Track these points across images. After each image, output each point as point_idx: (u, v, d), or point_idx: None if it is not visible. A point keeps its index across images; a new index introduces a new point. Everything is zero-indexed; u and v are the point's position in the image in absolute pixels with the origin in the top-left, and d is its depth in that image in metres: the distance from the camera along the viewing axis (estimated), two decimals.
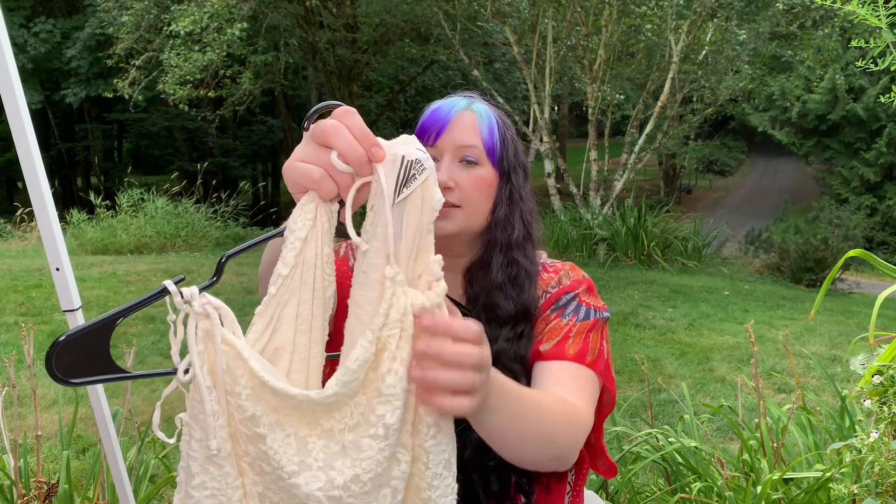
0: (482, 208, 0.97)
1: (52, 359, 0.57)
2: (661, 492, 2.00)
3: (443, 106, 0.98)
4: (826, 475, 1.69)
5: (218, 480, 0.58)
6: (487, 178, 0.97)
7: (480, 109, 0.98)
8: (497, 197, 0.98)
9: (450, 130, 0.96)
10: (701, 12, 8.55)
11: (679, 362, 4.39)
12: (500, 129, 0.99)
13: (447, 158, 0.96)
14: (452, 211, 0.95)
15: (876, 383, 1.30)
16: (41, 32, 14.60)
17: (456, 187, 0.95)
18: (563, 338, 0.95)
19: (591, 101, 9.63)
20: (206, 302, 0.58)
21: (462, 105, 0.98)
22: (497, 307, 0.96)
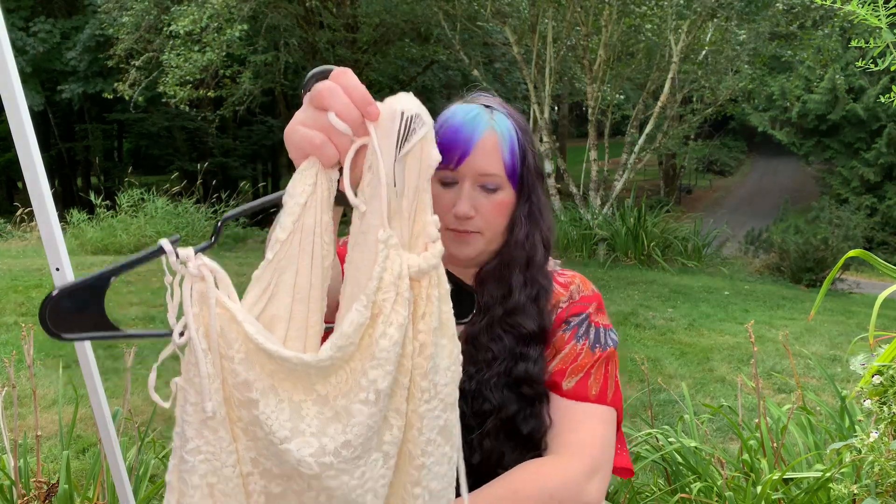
0: (501, 230, 0.97)
1: (46, 311, 0.55)
2: (661, 492, 2.00)
3: (464, 127, 0.93)
4: (826, 475, 1.69)
5: (212, 444, 0.57)
6: (507, 201, 0.96)
7: (502, 127, 0.94)
8: (515, 215, 0.97)
9: (473, 157, 0.93)
10: (701, 12, 8.55)
11: (679, 362, 4.39)
12: (521, 144, 0.96)
13: (468, 185, 0.93)
14: (473, 237, 0.95)
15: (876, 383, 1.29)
16: (40, 32, 14.60)
17: (477, 215, 0.94)
18: (585, 375, 0.95)
19: (591, 101, 9.63)
20: (201, 263, 0.57)
21: (484, 125, 0.93)
22: (521, 327, 0.95)
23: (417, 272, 0.59)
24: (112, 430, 1.45)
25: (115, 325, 0.60)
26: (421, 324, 0.60)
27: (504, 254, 0.98)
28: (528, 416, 0.93)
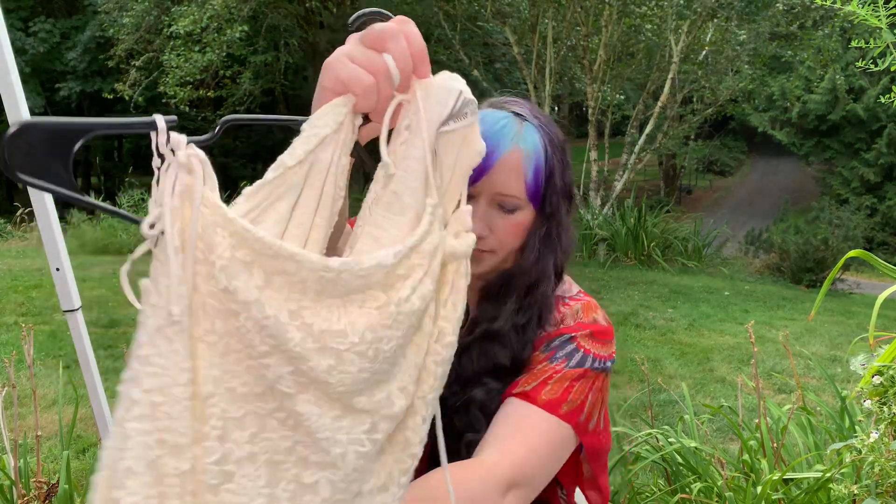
0: (515, 247, 0.92)
1: (7, 139, 0.46)
2: (661, 492, 2.00)
3: (488, 139, 0.84)
4: (826, 475, 1.69)
5: (165, 357, 0.48)
6: (525, 221, 0.90)
7: (529, 143, 0.87)
8: (530, 235, 0.91)
9: (492, 175, 0.86)
10: (701, 12, 8.55)
11: (679, 362, 4.39)
12: (549, 162, 0.89)
13: (484, 202, 0.87)
14: (486, 255, 0.90)
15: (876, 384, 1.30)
16: (40, 32, 14.60)
17: (491, 234, 0.89)
18: (541, 382, 0.85)
19: (591, 101, 9.63)
20: (192, 154, 0.50)
21: (509, 141, 0.86)
22: (495, 356, 0.88)
23: (451, 255, 0.55)
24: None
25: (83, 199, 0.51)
26: (443, 310, 0.56)
27: (508, 274, 0.92)
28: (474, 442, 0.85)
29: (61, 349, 4.04)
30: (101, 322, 4.72)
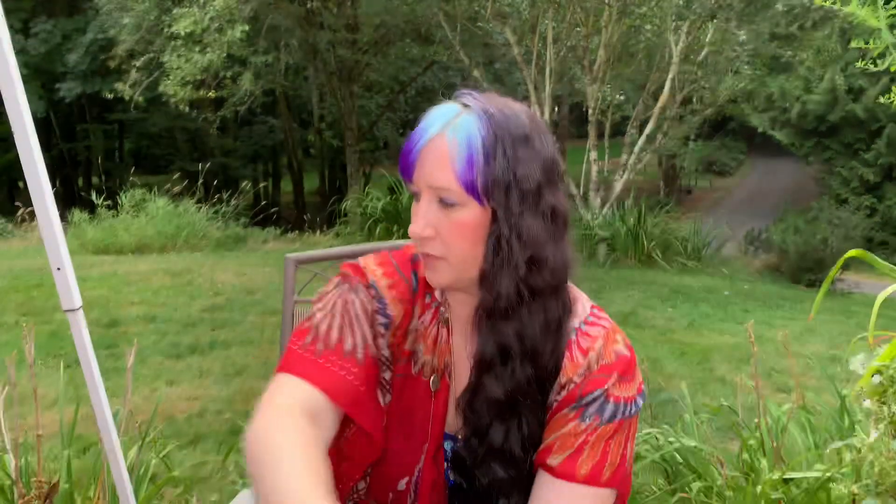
0: (470, 255, 0.79)
1: None
2: (661, 491, 2.00)
3: (418, 130, 0.79)
4: (826, 475, 1.69)
5: None
6: (471, 220, 0.78)
7: (460, 130, 0.77)
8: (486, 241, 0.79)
9: (421, 165, 0.79)
10: (701, 13, 8.56)
11: (679, 362, 4.39)
12: (487, 151, 0.76)
13: (425, 199, 0.79)
14: (438, 263, 0.80)
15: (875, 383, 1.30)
16: (40, 33, 14.59)
17: (436, 235, 0.79)
18: (576, 450, 0.79)
19: (591, 101, 9.64)
20: None
21: (436, 128, 0.78)
22: (486, 390, 0.81)
23: None
24: (113, 429, 1.46)
25: None
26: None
27: (479, 296, 0.81)
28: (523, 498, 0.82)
29: (62, 349, 4.04)
30: (102, 322, 4.72)
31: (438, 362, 0.86)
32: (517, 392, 0.80)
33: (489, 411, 0.81)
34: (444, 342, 0.87)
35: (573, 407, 0.81)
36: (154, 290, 5.75)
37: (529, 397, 0.81)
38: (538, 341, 0.80)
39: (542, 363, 0.81)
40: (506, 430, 0.81)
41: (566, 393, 0.82)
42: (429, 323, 0.87)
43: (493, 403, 0.81)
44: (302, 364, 0.79)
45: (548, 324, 0.81)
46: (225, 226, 9.41)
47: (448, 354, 0.87)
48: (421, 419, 0.86)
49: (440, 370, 0.86)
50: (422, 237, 0.79)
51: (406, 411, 0.86)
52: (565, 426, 0.80)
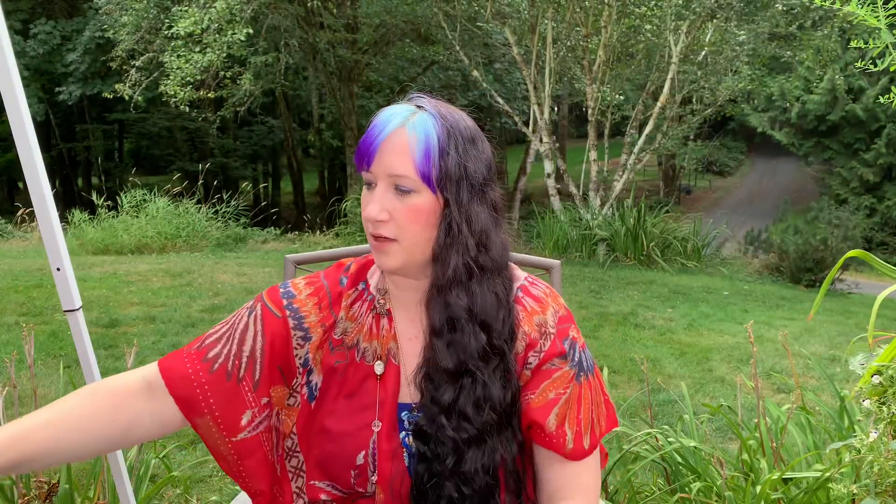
0: (421, 238, 0.88)
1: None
2: (660, 491, 2.00)
3: (377, 125, 0.88)
4: (825, 475, 1.70)
5: None
6: (425, 206, 0.87)
7: (419, 126, 0.87)
8: (438, 229, 0.89)
9: (380, 156, 0.87)
10: (700, 13, 8.56)
11: (678, 362, 4.40)
12: (442, 146, 0.87)
13: (381, 186, 0.88)
14: (389, 245, 0.88)
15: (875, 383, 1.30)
16: (40, 34, 14.59)
17: (390, 219, 0.87)
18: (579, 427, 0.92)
19: (590, 101, 9.64)
20: None
21: (396, 123, 0.87)
22: (436, 356, 0.89)
23: None
24: None
25: None
26: None
27: (432, 275, 0.91)
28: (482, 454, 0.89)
29: (62, 349, 4.04)
30: (102, 322, 4.72)
31: (382, 348, 0.95)
32: (468, 358, 0.88)
33: (441, 377, 0.89)
34: (385, 330, 0.96)
35: (560, 358, 0.92)
36: (154, 291, 5.75)
37: (482, 361, 0.89)
38: (489, 313, 0.90)
39: (497, 331, 0.90)
40: (457, 390, 0.89)
41: (543, 352, 0.92)
42: (364, 312, 0.97)
43: (444, 370, 0.89)
44: (170, 356, 0.96)
45: (497, 297, 0.91)
46: (225, 226, 9.41)
47: (392, 340, 0.95)
48: (367, 401, 0.94)
49: (384, 355, 0.95)
50: (377, 220, 0.87)
51: (349, 395, 0.94)
52: (555, 374, 0.92)
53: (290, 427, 0.96)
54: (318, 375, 0.96)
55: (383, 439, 0.92)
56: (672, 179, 21.98)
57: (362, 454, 0.92)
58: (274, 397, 0.96)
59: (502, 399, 0.90)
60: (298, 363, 0.96)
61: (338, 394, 0.95)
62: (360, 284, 0.99)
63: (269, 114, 20.79)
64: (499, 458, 0.90)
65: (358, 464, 0.92)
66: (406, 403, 0.95)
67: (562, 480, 0.93)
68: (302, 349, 0.96)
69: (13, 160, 15.72)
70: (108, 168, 19.32)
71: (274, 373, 0.95)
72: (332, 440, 0.93)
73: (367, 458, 0.92)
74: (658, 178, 22.50)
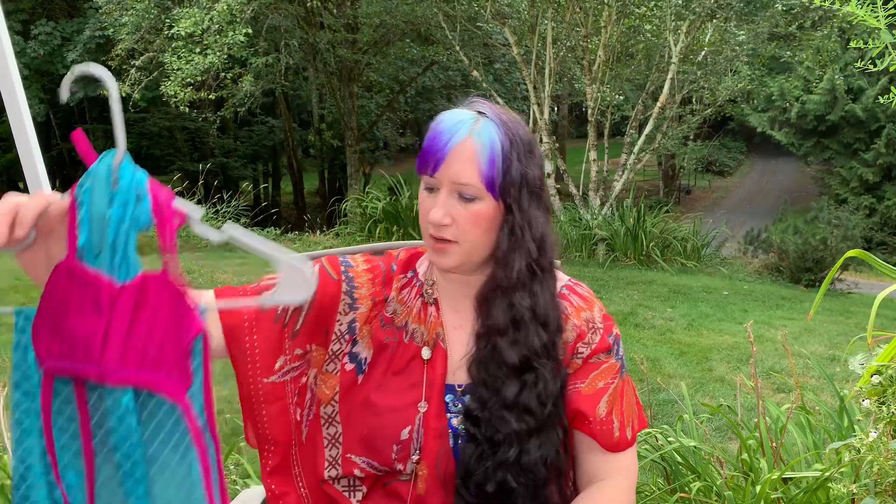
0: (481, 241, 0.94)
1: None
2: (660, 491, 2.00)
3: (444, 132, 0.91)
4: (825, 475, 1.70)
5: None
6: (486, 212, 0.92)
7: (484, 135, 0.91)
8: (500, 232, 0.94)
9: (447, 164, 0.91)
10: (700, 13, 8.56)
11: (678, 362, 4.40)
12: (506, 155, 0.91)
13: (444, 192, 0.92)
14: (450, 247, 0.93)
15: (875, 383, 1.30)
16: (40, 35, 14.58)
17: (453, 223, 0.92)
18: (622, 419, 0.99)
19: (590, 101, 9.64)
20: None
21: (463, 132, 0.91)
22: (501, 354, 0.94)
23: None
24: None
25: None
26: None
27: (492, 274, 0.96)
28: (547, 442, 0.94)
29: None
30: None
31: (429, 334, 1.00)
32: (532, 355, 0.94)
33: (503, 372, 0.94)
34: (433, 316, 1.01)
35: (606, 353, 0.99)
36: None
37: (543, 357, 0.95)
38: (548, 312, 0.96)
39: (552, 328, 0.96)
40: (521, 386, 0.93)
41: (594, 345, 0.99)
42: (413, 297, 1.02)
43: (509, 365, 0.94)
44: (228, 287, 1.00)
45: (552, 295, 0.98)
46: None
47: (439, 326, 1.00)
48: (414, 380, 0.98)
49: (431, 340, 1.00)
50: (441, 224, 0.92)
51: (397, 373, 0.99)
52: (602, 366, 0.99)
53: (328, 394, 0.99)
54: (368, 350, 0.99)
55: (431, 418, 0.96)
56: (672, 179, 21.98)
57: (407, 430, 0.96)
58: (312, 357, 1.00)
59: (556, 391, 0.95)
60: (340, 329, 1.00)
61: (386, 370, 0.98)
62: (410, 272, 1.04)
63: (270, 114, 20.78)
64: (555, 448, 0.96)
65: (402, 439, 0.95)
66: (451, 385, 0.99)
67: (602, 465, 1.00)
68: (346, 316, 1.00)
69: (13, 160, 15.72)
70: None
71: (317, 331, 0.99)
72: (377, 414, 0.96)
73: (412, 434, 0.95)
74: (658, 178, 22.50)
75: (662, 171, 22.20)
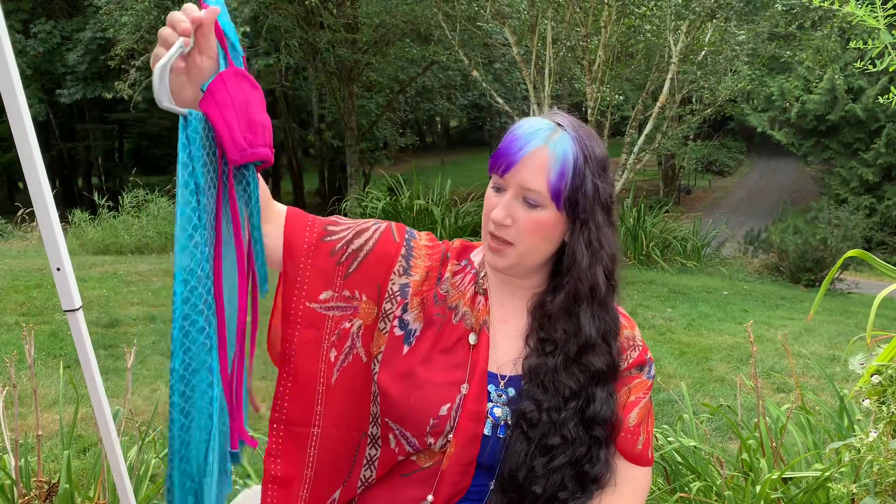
0: (537, 248, 0.97)
1: None
2: (660, 491, 2.01)
3: (520, 137, 0.94)
4: (825, 475, 1.70)
5: None
6: (547, 221, 0.95)
7: (558, 147, 0.93)
8: (573, 243, 0.97)
9: (518, 168, 0.93)
10: (700, 13, 8.56)
11: (678, 362, 4.40)
12: (578, 169, 0.94)
13: (510, 194, 0.95)
14: (506, 248, 0.96)
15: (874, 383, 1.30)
16: (40, 33, 14.58)
17: (513, 225, 0.95)
18: (647, 435, 1.02)
19: (590, 101, 9.63)
20: None
21: (539, 140, 0.93)
22: (590, 366, 0.98)
23: None
24: (113, 429, 1.46)
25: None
26: None
27: (569, 287, 0.98)
28: (596, 457, 0.98)
29: (62, 349, 4.04)
30: (102, 322, 4.72)
31: (477, 321, 1.02)
32: (608, 369, 0.98)
33: (579, 382, 0.97)
34: (481, 304, 1.03)
35: (638, 368, 1.03)
36: (154, 291, 5.75)
37: (615, 372, 1.00)
38: (618, 327, 1.01)
39: (618, 345, 1.01)
40: (606, 397, 0.98)
41: (630, 360, 1.02)
42: (466, 283, 1.04)
43: (595, 373, 0.97)
44: (301, 212, 1.06)
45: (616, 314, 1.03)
46: None
47: (487, 314, 1.03)
48: (458, 360, 1.00)
49: (478, 327, 1.01)
50: (502, 224, 0.95)
51: (444, 350, 1.01)
52: (636, 380, 1.02)
53: (372, 352, 1.01)
54: (418, 322, 1.01)
55: (471, 401, 0.97)
56: (672, 179, 21.97)
57: (446, 407, 0.97)
58: (360, 307, 1.02)
59: (615, 408, 0.99)
60: (392, 289, 1.02)
61: (433, 345, 1.00)
62: (464, 261, 1.07)
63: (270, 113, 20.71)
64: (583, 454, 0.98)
65: (440, 415, 0.97)
66: (493, 374, 1.01)
67: (623, 474, 1.01)
68: (399, 278, 1.02)
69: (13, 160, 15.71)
70: (108, 168, 19.30)
71: (369, 283, 1.02)
72: (419, 385, 0.98)
73: (450, 411, 0.97)
74: (658, 178, 22.48)
75: (662, 171, 22.18)
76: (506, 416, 0.99)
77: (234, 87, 0.84)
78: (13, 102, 1.24)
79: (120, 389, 2.90)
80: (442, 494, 0.98)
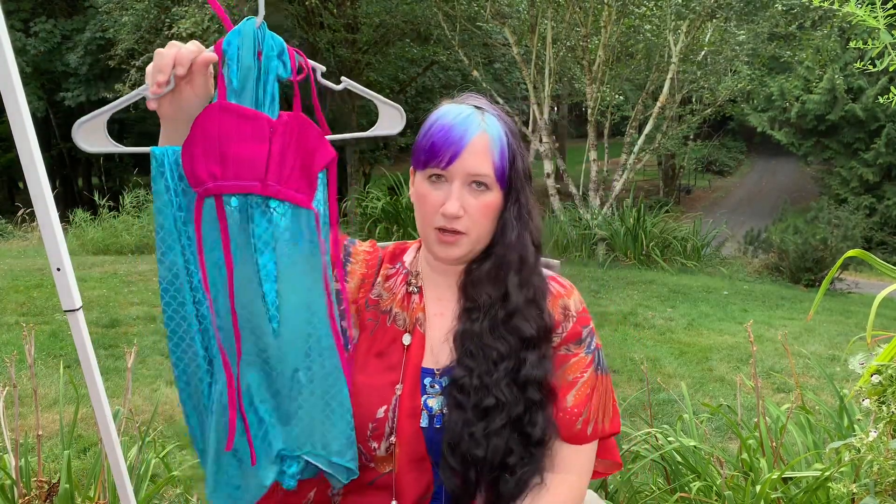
0: (487, 231, 0.99)
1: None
2: (660, 491, 2.01)
3: (455, 127, 0.95)
4: (825, 474, 1.70)
5: None
6: (494, 202, 0.97)
7: (493, 129, 0.96)
8: (505, 217, 0.99)
9: (464, 157, 0.94)
10: (700, 13, 8.56)
11: (678, 362, 4.40)
12: (511, 146, 0.97)
13: (457, 184, 0.95)
14: (459, 238, 0.97)
15: (875, 383, 1.30)
16: (41, 32, 14.58)
17: (465, 214, 0.96)
18: (587, 416, 1.00)
19: (590, 101, 9.64)
20: None
21: (476, 127, 0.95)
22: (520, 330, 0.98)
23: None
24: (113, 429, 1.46)
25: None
26: None
27: (497, 255, 1.00)
28: (535, 417, 0.97)
29: (62, 349, 4.04)
30: (102, 322, 4.72)
31: (410, 320, 1.03)
32: (540, 331, 0.99)
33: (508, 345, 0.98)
34: (415, 304, 1.04)
35: (576, 343, 1.02)
36: (154, 291, 5.75)
37: (548, 334, 1.01)
38: (546, 291, 1.02)
39: (547, 309, 1.01)
40: (537, 360, 0.98)
41: (565, 333, 1.02)
42: (398, 285, 1.06)
43: (526, 339, 0.98)
44: None
45: (543, 277, 1.04)
46: None
47: (421, 312, 1.04)
48: (393, 361, 1.01)
49: (411, 326, 1.03)
50: (456, 215, 0.95)
51: (378, 354, 1.02)
52: (571, 360, 1.01)
53: None
54: (355, 329, 1.04)
55: (405, 398, 0.99)
56: (672, 179, 21.97)
57: (383, 409, 0.98)
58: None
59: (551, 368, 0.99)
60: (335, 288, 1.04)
61: (368, 351, 1.02)
62: (397, 264, 1.09)
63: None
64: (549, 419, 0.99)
65: (377, 417, 0.98)
66: (429, 369, 1.02)
67: (559, 455, 1.00)
68: (336, 283, 1.03)
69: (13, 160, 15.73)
70: (108, 168, 19.30)
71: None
72: (356, 392, 0.98)
73: (387, 413, 0.98)
74: (658, 178, 22.48)
75: (662, 171, 22.18)
76: (441, 405, 0.99)
77: (210, 121, 0.85)
78: (13, 102, 1.24)
79: (120, 389, 2.90)
80: (406, 497, 0.98)
